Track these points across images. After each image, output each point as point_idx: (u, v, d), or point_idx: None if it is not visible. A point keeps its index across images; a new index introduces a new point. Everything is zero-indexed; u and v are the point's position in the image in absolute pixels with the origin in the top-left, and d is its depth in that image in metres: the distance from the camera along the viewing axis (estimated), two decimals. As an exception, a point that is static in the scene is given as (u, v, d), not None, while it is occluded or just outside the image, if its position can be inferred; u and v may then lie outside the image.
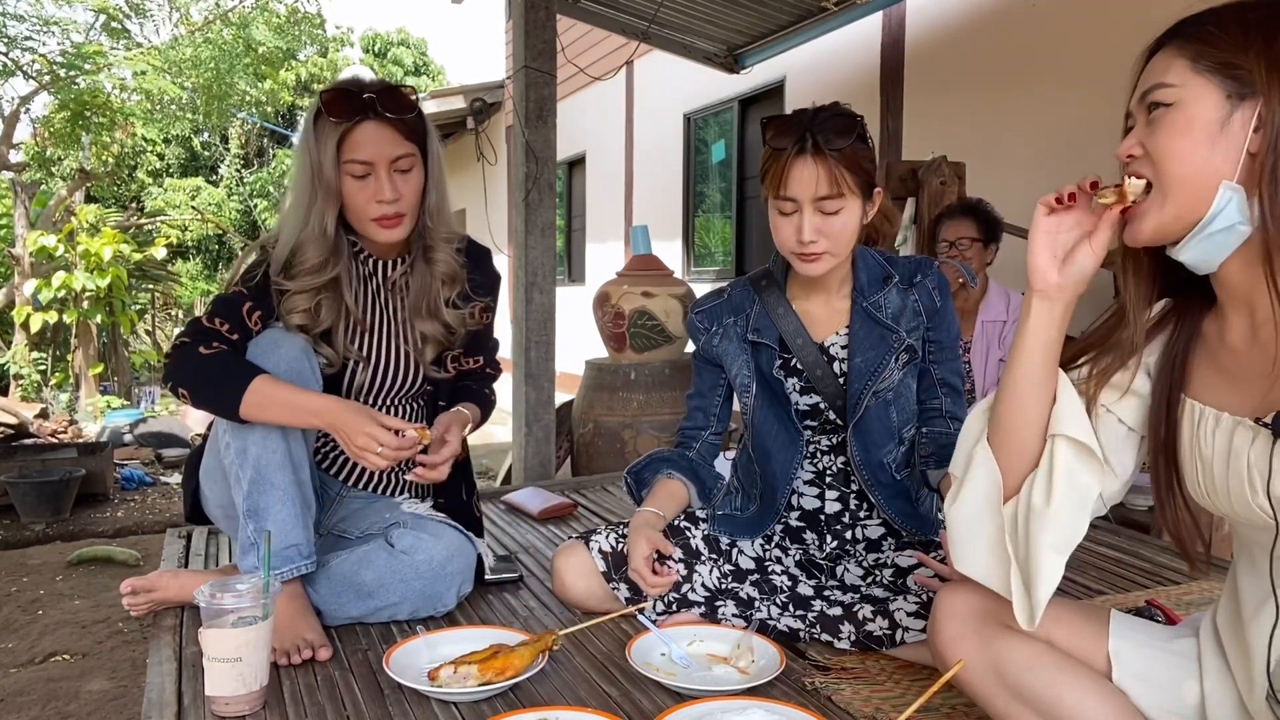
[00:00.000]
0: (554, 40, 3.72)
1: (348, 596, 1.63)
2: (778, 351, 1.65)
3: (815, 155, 1.46)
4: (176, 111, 9.73)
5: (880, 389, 1.60)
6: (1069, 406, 1.05)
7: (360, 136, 1.56)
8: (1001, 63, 4.19)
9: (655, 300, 4.10)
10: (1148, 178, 0.95)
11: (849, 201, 1.50)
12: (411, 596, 1.64)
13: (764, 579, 1.65)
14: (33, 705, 2.35)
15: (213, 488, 1.70)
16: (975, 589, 1.19)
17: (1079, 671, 1.08)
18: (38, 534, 4.20)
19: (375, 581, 1.63)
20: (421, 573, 1.64)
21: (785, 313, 1.64)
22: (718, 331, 1.71)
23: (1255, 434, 0.94)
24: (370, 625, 1.65)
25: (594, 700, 1.35)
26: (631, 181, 7.61)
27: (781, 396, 1.65)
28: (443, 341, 1.76)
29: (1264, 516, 0.94)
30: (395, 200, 1.59)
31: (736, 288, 1.72)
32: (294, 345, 1.59)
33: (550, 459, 3.84)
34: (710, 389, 1.76)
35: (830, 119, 1.48)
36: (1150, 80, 0.96)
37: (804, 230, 1.48)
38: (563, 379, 4.36)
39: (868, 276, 1.63)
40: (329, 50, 15.01)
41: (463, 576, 1.70)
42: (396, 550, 1.65)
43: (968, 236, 2.94)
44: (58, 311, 7.02)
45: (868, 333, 1.61)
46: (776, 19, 4.87)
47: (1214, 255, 0.95)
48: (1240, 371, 0.99)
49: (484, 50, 17.67)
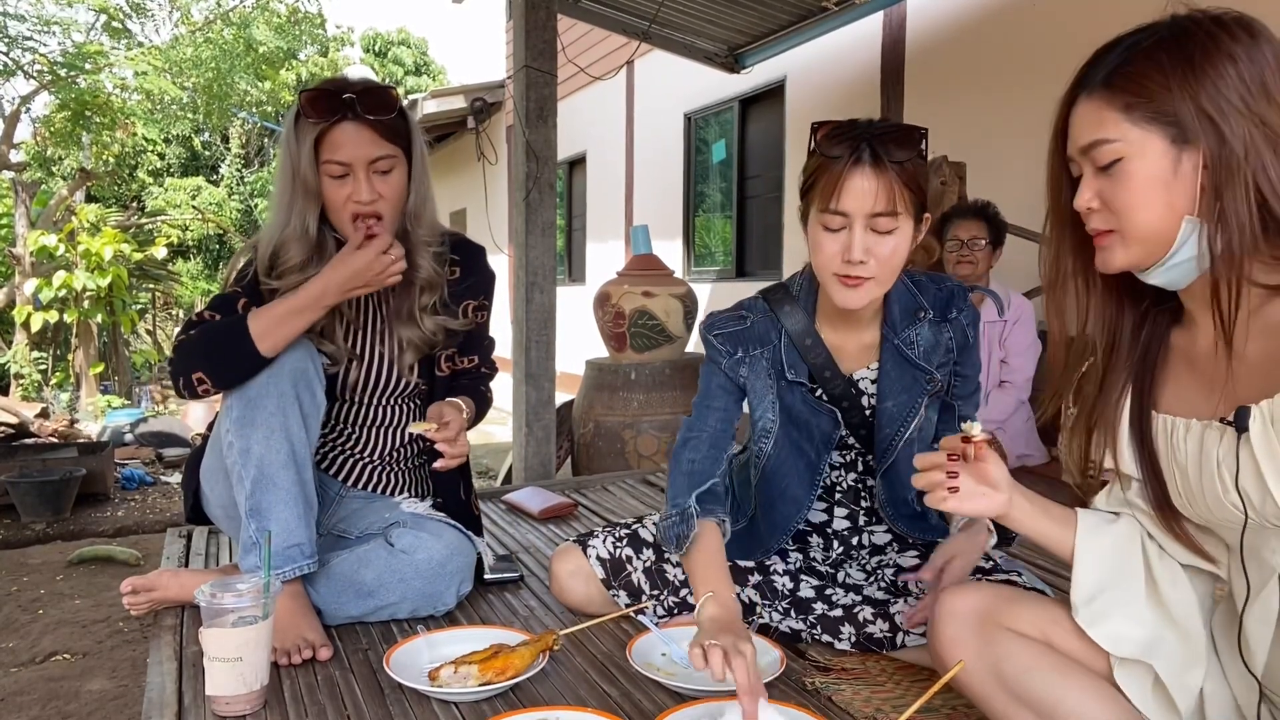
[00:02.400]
0: (554, 40, 3.72)
1: (348, 596, 1.63)
2: (808, 387, 1.54)
3: (875, 166, 1.31)
4: (177, 111, 9.73)
5: (911, 435, 1.51)
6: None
7: (338, 137, 1.56)
8: (1002, 63, 4.18)
9: (656, 300, 4.10)
10: (1112, 227, 0.98)
11: (903, 223, 1.35)
12: (411, 596, 1.64)
13: (765, 581, 1.64)
14: (33, 705, 2.35)
15: (214, 488, 1.69)
16: (975, 590, 1.19)
17: (1079, 673, 1.09)
18: (38, 534, 4.20)
19: (375, 581, 1.63)
20: (421, 572, 1.64)
21: (814, 345, 1.51)
22: (744, 360, 1.55)
23: (1222, 433, 0.97)
24: (370, 625, 1.65)
25: (594, 700, 1.35)
26: (632, 181, 7.60)
27: (807, 436, 1.55)
28: (422, 347, 1.75)
29: (1236, 513, 0.97)
30: (372, 201, 1.58)
31: (757, 313, 1.56)
32: (297, 343, 1.58)
33: (550, 459, 3.84)
34: (737, 413, 1.60)
35: (893, 128, 1.35)
36: (1088, 135, 0.97)
37: (854, 249, 1.33)
38: (563, 379, 4.36)
39: (900, 308, 1.50)
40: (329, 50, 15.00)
41: (462, 575, 1.70)
42: (396, 550, 1.65)
43: (981, 238, 2.95)
44: (58, 311, 7.02)
45: (900, 374, 1.50)
46: (777, 19, 4.87)
47: (1181, 279, 0.99)
48: (1210, 376, 1.01)
49: (484, 50, 17.66)
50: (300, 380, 1.56)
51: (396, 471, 1.83)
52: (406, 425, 1.81)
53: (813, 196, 1.37)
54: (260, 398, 1.54)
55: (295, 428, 1.56)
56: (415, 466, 1.87)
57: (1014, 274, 3.39)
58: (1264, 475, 0.91)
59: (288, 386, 1.56)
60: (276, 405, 1.54)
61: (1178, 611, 1.08)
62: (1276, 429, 0.90)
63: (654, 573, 1.65)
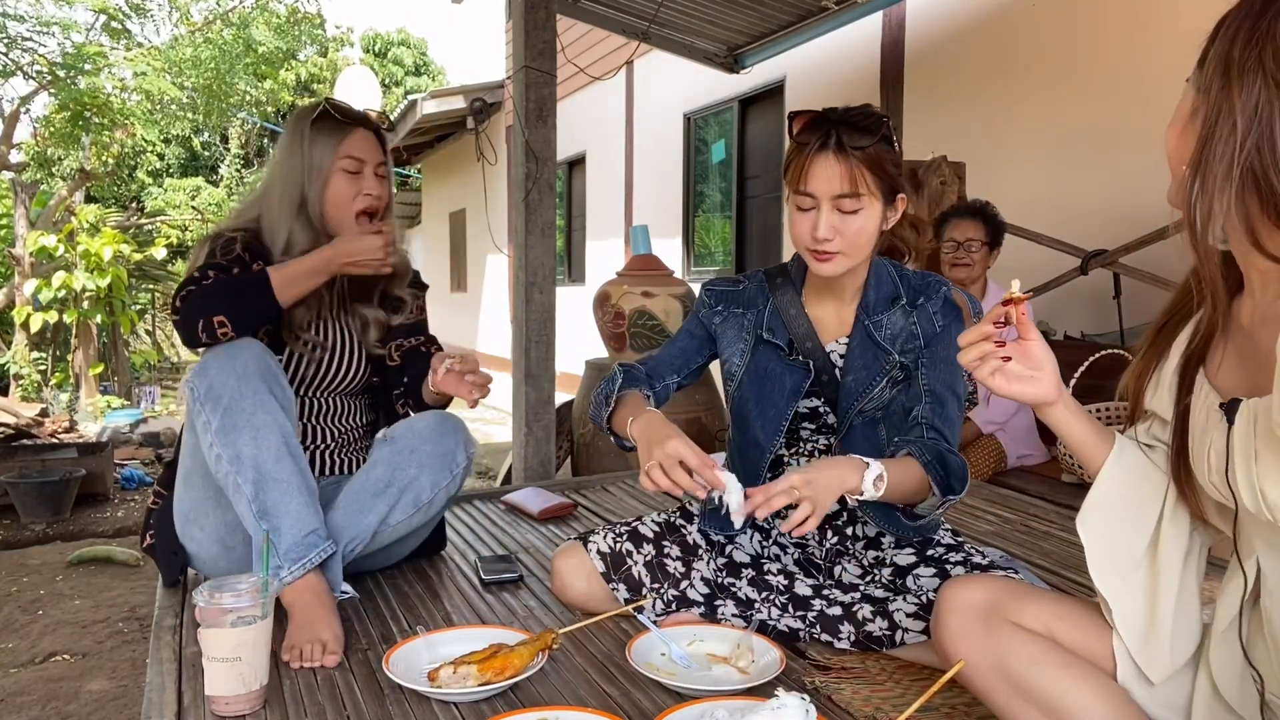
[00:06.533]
0: (554, 40, 3.72)
1: (367, 506, 1.69)
2: (786, 353, 1.64)
3: (837, 152, 1.44)
4: (176, 111, 9.74)
5: (867, 408, 1.59)
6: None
7: (357, 139, 1.83)
8: (1001, 63, 4.19)
9: (655, 300, 4.10)
10: None
11: (868, 203, 1.48)
12: (427, 463, 1.74)
13: (760, 576, 1.65)
14: (33, 705, 2.36)
15: (204, 524, 1.68)
16: (980, 584, 1.19)
17: (1083, 669, 1.08)
18: (38, 534, 4.20)
19: (387, 471, 1.73)
20: (426, 435, 1.76)
21: (798, 315, 1.64)
22: (723, 313, 1.70)
23: (1219, 417, 0.97)
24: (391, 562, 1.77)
25: (594, 700, 1.35)
26: (631, 181, 7.61)
27: (778, 387, 1.64)
28: (383, 324, 1.92)
29: (1219, 495, 0.97)
30: (380, 196, 1.85)
31: (753, 281, 1.71)
32: (252, 345, 1.64)
33: (550, 459, 3.84)
34: (696, 351, 1.73)
35: (856, 117, 1.47)
36: None
37: (820, 227, 1.47)
38: (563, 379, 4.36)
39: (877, 294, 1.61)
40: (329, 50, 15.02)
41: (463, 433, 1.82)
42: (391, 436, 1.77)
43: (977, 239, 2.93)
44: (58, 311, 7.02)
45: (864, 351, 1.59)
46: (776, 19, 4.87)
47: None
48: (1240, 353, 1.00)
49: (484, 50, 17.70)
50: (267, 375, 1.61)
51: (355, 453, 1.95)
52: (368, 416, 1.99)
53: (788, 179, 1.52)
54: (236, 400, 1.56)
55: (280, 419, 1.59)
56: (367, 446, 1.96)
57: (1013, 273, 3.38)
58: (1235, 470, 0.91)
59: (259, 383, 1.59)
60: (254, 403, 1.57)
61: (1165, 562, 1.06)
62: (1255, 429, 0.89)
63: (654, 566, 1.66)
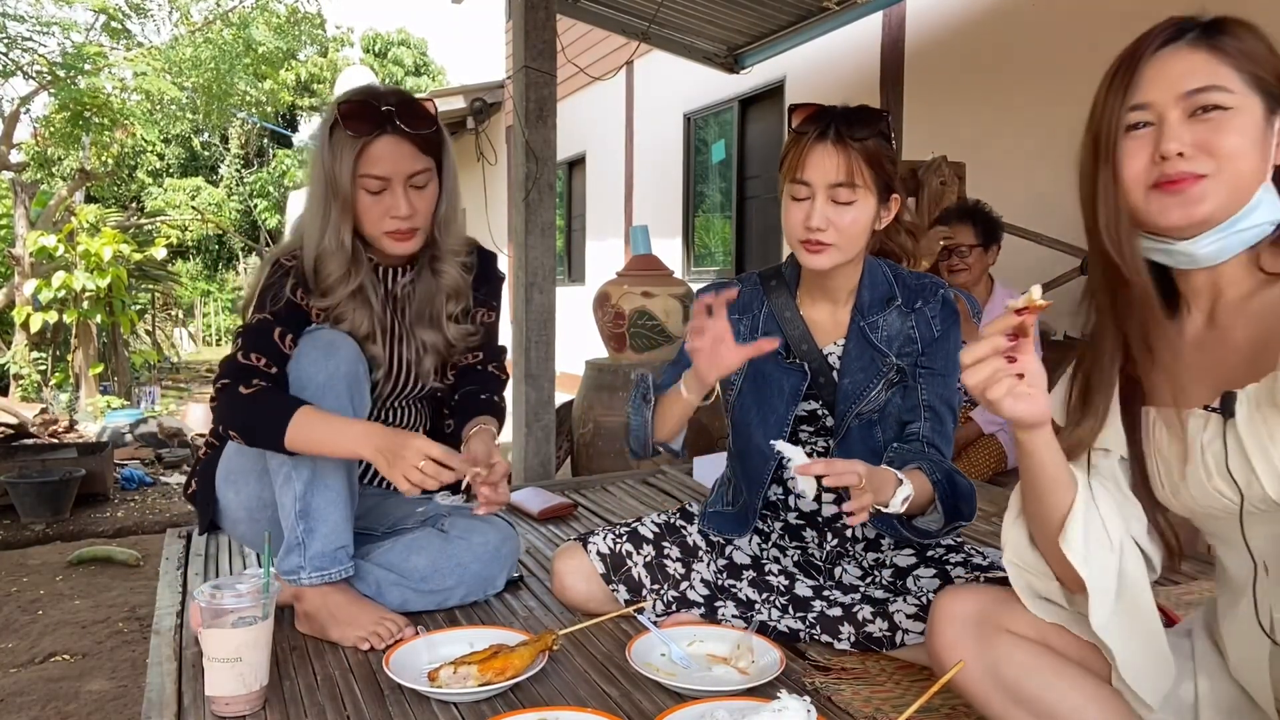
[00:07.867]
0: (554, 40, 3.72)
1: (395, 584, 1.66)
2: (783, 355, 1.64)
3: (836, 142, 1.46)
4: (176, 112, 9.74)
5: (864, 411, 1.59)
6: None
7: (378, 151, 1.53)
8: (1001, 63, 4.19)
9: (655, 300, 4.10)
10: (1206, 173, 0.96)
11: (862, 196, 1.48)
12: (468, 580, 1.71)
13: (760, 577, 1.65)
14: (33, 705, 2.36)
15: (240, 490, 1.65)
16: (973, 593, 1.19)
17: (1078, 674, 1.09)
18: (38, 534, 4.19)
19: (429, 567, 1.67)
20: (479, 555, 1.71)
21: (793, 317, 1.63)
22: None
23: (1206, 419, 0.98)
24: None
25: (594, 700, 1.35)
26: (631, 181, 7.61)
27: (777, 392, 1.63)
28: (443, 353, 1.74)
29: (1221, 499, 0.97)
30: (410, 216, 1.57)
31: (748, 284, 1.70)
32: (349, 349, 1.56)
33: (550, 459, 3.84)
34: None
35: (855, 111, 1.50)
36: (1195, 81, 0.96)
37: (813, 217, 1.47)
38: (563, 379, 4.36)
39: (872, 295, 1.60)
40: (329, 50, 15.02)
41: (512, 560, 1.80)
42: (451, 535, 1.71)
43: (966, 244, 2.89)
44: (58, 311, 7.01)
45: (860, 354, 1.59)
46: (776, 19, 4.87)
47: (1230, 250, 0.99)
48: (1195, 365, 1.02)
49: (484, 50, 17.68)
50: (354, 381, 1.56)
51: None
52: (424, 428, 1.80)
53: (785, 169, 1.52)
54: (318, 399, 1.51)
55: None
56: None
57: (1014, 273, 3.39)
58: (1250, 459, 0.92)
59: (343, 388, 1.54)
60: (334, 406, 1.52)
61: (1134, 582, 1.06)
62: (1263, 413, 0.91)
63: (654, 567, 1.66)
